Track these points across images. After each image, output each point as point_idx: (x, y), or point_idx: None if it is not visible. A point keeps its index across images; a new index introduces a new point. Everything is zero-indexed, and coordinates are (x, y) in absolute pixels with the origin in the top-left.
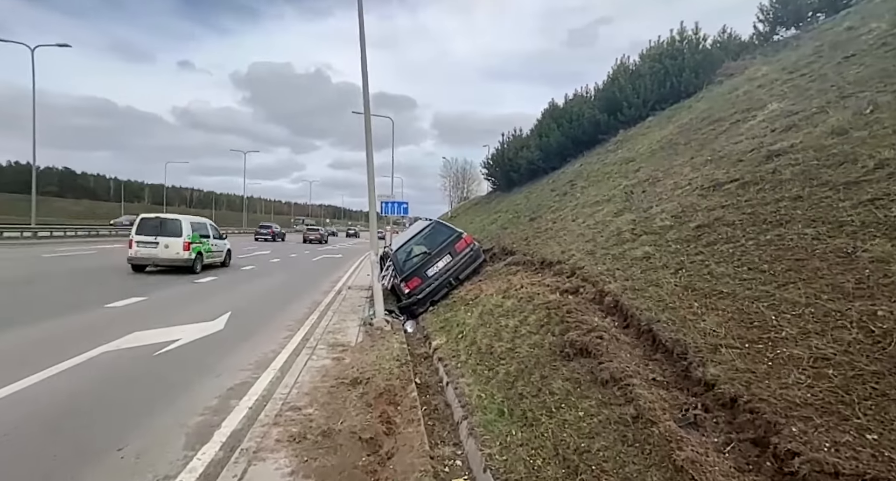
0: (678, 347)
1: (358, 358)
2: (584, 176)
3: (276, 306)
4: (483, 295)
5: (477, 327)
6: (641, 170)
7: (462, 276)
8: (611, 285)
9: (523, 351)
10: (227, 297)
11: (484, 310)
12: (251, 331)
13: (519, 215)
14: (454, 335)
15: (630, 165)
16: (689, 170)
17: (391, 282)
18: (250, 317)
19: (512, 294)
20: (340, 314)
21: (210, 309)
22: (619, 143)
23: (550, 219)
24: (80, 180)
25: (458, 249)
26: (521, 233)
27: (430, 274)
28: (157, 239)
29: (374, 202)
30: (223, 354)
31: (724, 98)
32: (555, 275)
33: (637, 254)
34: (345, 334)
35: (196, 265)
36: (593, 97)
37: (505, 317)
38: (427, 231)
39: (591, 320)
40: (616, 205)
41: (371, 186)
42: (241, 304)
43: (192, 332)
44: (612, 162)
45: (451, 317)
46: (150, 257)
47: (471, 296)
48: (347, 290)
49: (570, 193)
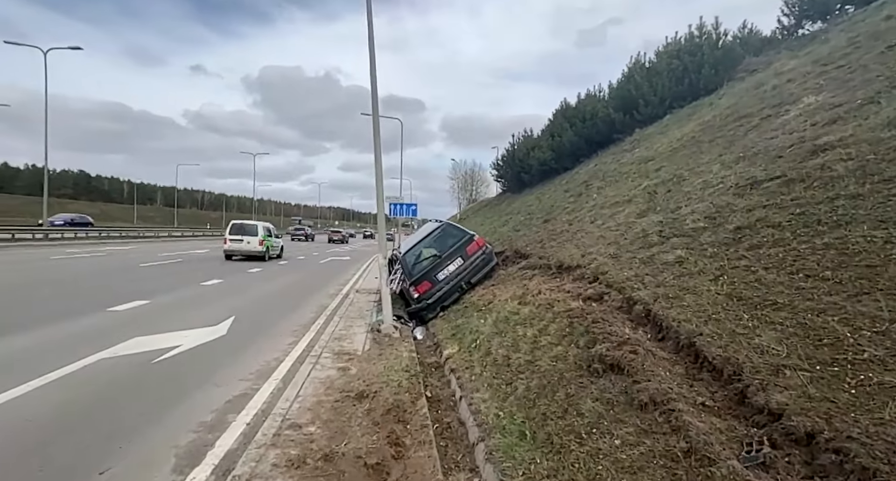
0: (729, 366)
1: (365, 368)
2: (599, 176)
3: (281, 310)
4: (497, 300)
5: (492, 336)
6: (663, 170)
7: (474, 280)
8: (640, 292)
9: (545, 364)
10: (233, 301)
11: (499, 317)
12: (254, 337)
13: (532, 217)
14: (467, 343)
15: (649, 164)
16: (718, 168)
17: (400, 286)
18: (255, 321)
19: (529, 300)
20: (347, 319)
21: (214, 313)
22: (636, 142)
23: (566, 220)
24: (95, 183)
25: (469, 252)
26: (534, 235)
27: (440, 278)
28: (242, 237)
29: (383, 203)
30: (224, 362)
31: (750, 94)
32: (575, 280)
33: (668, 259)
34: (351, 341)
35: (265, 256)
36: (607, 96)
37: (522, 325)
38: (437, 233)
39: (620, 331)
40: (638, 206)
41: (379, 188)
42: (246, 308)
43: (194, 338)
44: (630, 161)
45: (463, 323)
46: (238, 250)
47: (484, 302)
48: (355, 294)
49: (586, 194)
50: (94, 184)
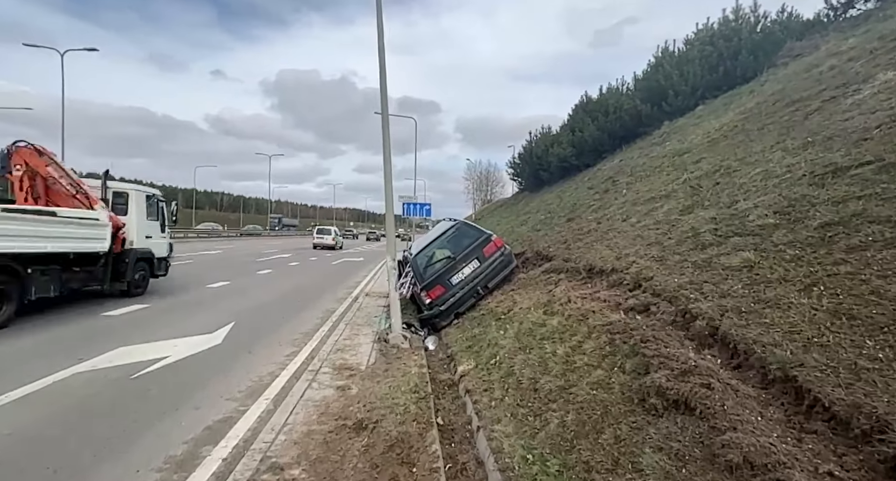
0: (861, 418)
1: (367, 387)
2: (626, 171)
3: (285, 315)
4: (518, 308)
5: (514, 352)
6: (704, 162)
7: (491, 285)
8: (700, 304)
9: (582, 392)
10: (235, 304)
11: (521, 328)
12: (251, 347)
13: (552, 216)
14: (485, 359)
15: (685, 157)
16: (780, 156)
17: (411, 290)
18: (255, 328)
19: (556, 309)
20: (353, 326)
21: (214, 317)
22: (666, 135)
23: (593, 219)
24: None
25: (486, 254)
26: (557, 235)
27: (454, 282)
28: (324, 236)
29: (392, 199)
30: (212, 377)
31: (800, 77)
32: (611, 286)
33: (732, 262)
34: (355, 353)
35: (337, 246)
36: (633, 87)
37: (551, 340)
38: (451, 233)
39: (680, 354)
40: (679, 201)
41: (388, 185)
42: (248, 313)
43: (185, 347)
44: (660, 155)
45: (480, 334)
46: (321, 243)
47: (503, 309)
48: (365, 297)
49: (614, 190)
50: None
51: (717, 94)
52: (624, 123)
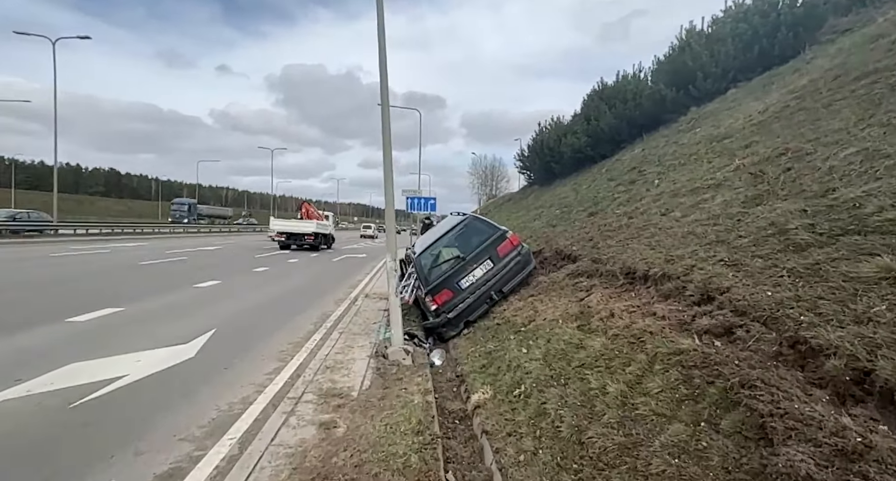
0: None
1: (357, 425)
2: (653, 161)
3: (276, 321)
4: (542, 319)
5: (545, 381)
6: (758, 146)
7: (506, 289)
8: (825, 332)
9: (658, 461)
10: (221, 307)
11: (551, 349)
12: (228, 361)
13: (570, 210)
14: (505, 386)
15: (727, 143)
16: (879, 133)
17: (414, 294)
18: (237, 336)
19: (596, 326)
20: (349, 336)
21: (193, 324)
22: (695, 121)
23: (622, 213)
24: (125, 180)
25: (501, 253)
26: (579, 231)
27: (464, 285)
28: (365, 230)
29: (392, 191)
30: (170, 405)
31: (866, 49)
32: (665, 297)
33: (861, 272)
34: (347, 372)
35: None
36: (653, 71)
37: (594, 370)
38: (460, 228)
39: (816, 414)
40: (739, 192)
41: (388, 169)
42: (234, 317)
43: (149, 363)
44: (693, 142)
45: (496, 350)
46: (364, 234)
47: (523, 320)
48: (364, 300)
49: (642, 181)
50: (123, 181)
51: (751, 77)
52: (645, 110)
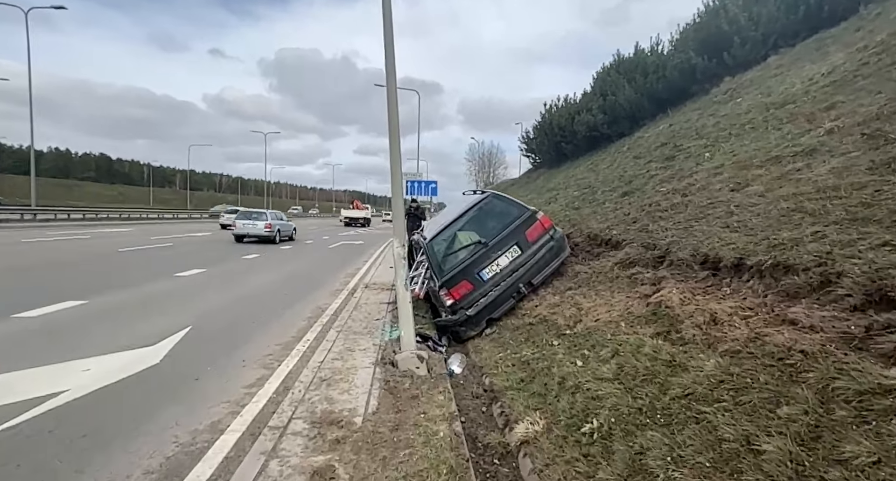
0: None
1: (365, 475)
2: (689, 135)
3: (264, 316)
4: (592, 320)
5: (631, 415)
6: (844, 106)
7: (536, 281)
8: None
9: None
10: (203, 300)
11: (625, 364)
12: (201, 370)
13: (593, 191)
14: (563, 412)
15: (791, 108)
16: None
17: (426, 286)
18: (217, 336)
19: (692, 335)
20: (348, 336)
21: (166, 320)
22: (733, 92)
23: (670, 190)
24: (116, 166)
25: (530, 238)
26: (615, 213)
27: (486, 276)
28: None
29: (400, 171)
30: (112, 437)
31: None
32: (796, 296)
33: None
34: (348, 386)
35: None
36: (677, 39)
37: (715, 405)
38: (478, 209)
39: None
40: (850, 157)
41: (395, 148)
42: (216, 312)
43: (101, 373)
44: (739, 111)
45: (535, 358)
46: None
47: (565, 319)
48: (363, 290)
49: (683, 157)
50: (115, 167)
51: (794, 42)
52: (669, 83)
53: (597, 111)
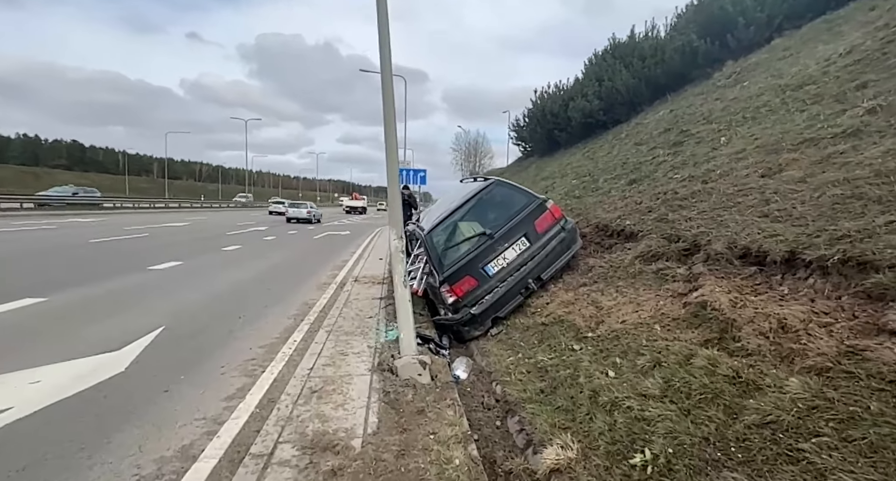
0: None
1: None
2: (696, 120)
3: (243, 313)
4: (618, 321)
5: (696, 447)
6: (879, 84)
7: (546, 276)
8: None
9: None
10: (178, 296)
11: (673, 379)
12: (173, 379)
13: (594, 179)
14: (601, 435)
15: (812, 89)
16: None
17: (424, 281)
18: (193, 337)
19: (756, 346)
20: (339, 337)
21: (136, 319)
22: (737, 75)
23: (687, 177)
24: (90, 153)
25: (539, 229)
26: (625, 202)
27: (491, 271)
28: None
29: (395, 160)
30: (56, 471)
31: None
32: (881, 300)
33: None
34: (343, 398)
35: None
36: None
37: (817, 442)
38: (481, 197)
39: None
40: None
41: (391, 134)
42: (192, 310)
43: (53, 385)
44: (750, 94)
45: (555, 364)
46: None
47: (584, 319)
48: (353, 284)
49: (693, 142)
50: (88, 154)
51: (800, 24)
52: (669, 67)
53: (592, 97)
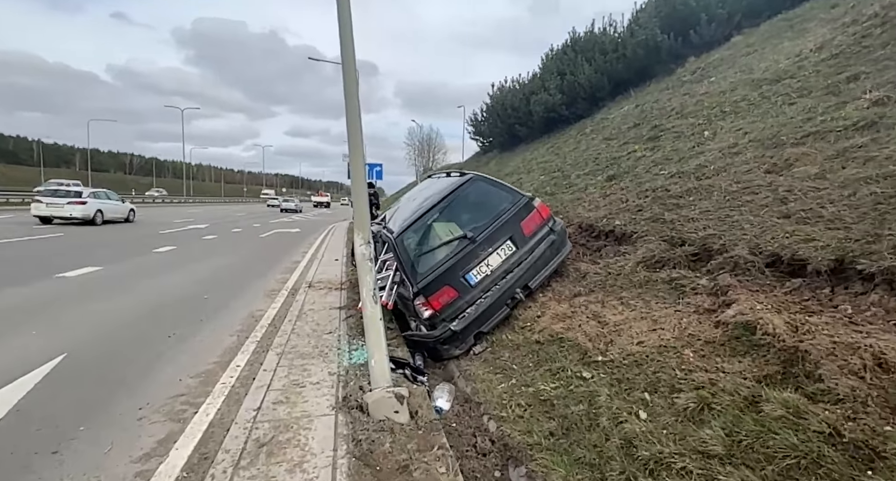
0: None
1: None
2: (667, 115)
3: (171, 331)
4: (633, 342)
5: None
6: (874, 77)
7: (534, 284)
8: None
9: None
10: (90, 312)
11: (748, 435)
12: (66, 434)
13: (565, 174)
14: None
15: (792, 83)
16: None
17: (394, 292)
18: (102, 368)
19: (849, 389)
20: (293, 360)
21: (29, 346)
22: (702, 71)
23: (675, 173)
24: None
25: (527, 230)
26: (609, 199)
27: (473, 280)
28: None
29: (361, 154)
30: None
31: None
32: None
33: None
34: (300, 455)
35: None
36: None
37: None
38: (458, 194)
39: None
40: None
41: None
42: (105, 330)
43: None
44: (722, 89)
45: (562, 395)
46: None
47: (589, 338)
48: (307, 290)
49: (672, 137)
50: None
51: (758, 22)
52: (632, 62)
53: (555, 91)
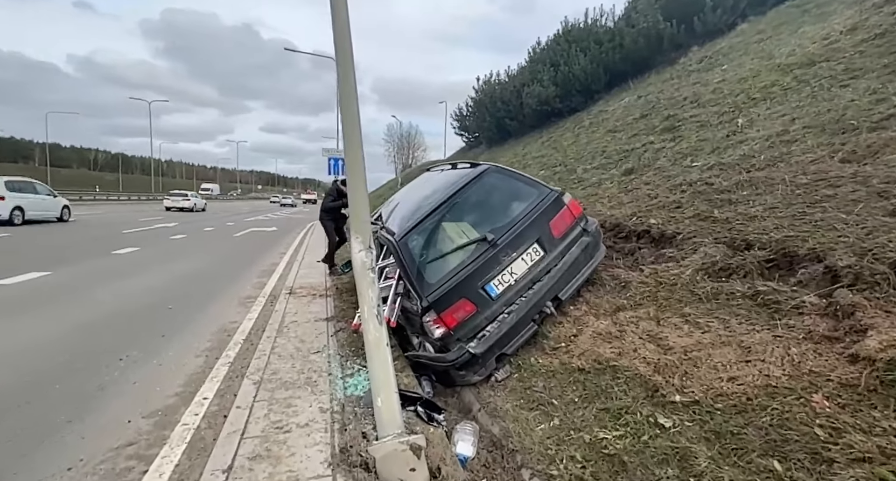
0: None
1: None
2: (680, 105)
3: (126, 351)
4: (714, 374)
5: None
6: None
7: (565, 295)
8: None
9: None
10: (28, 328)
11: None
12: None
13: (570, 169)
14: None
15: (833, 65)
16: None
17: (397, 307)
18: (22, 408)
19: None
20: (274, 391)
21: None
22: (708, 59)
23: (712, 164)
24: None
25: (556, 231)
26: (634, 194)
27: (494, 292)
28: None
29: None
30: None
31: None
32: None
33: None
34: None
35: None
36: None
37: None
38: (471, 189)
39: None
40: None
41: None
42: (39, 352)
43: None
44: (742, 76)
45: (635, 451)
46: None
47: (653, 369)
48: (287, 298)
49: (693, 126)
50: None
51: (763, 10)
52: (631, 52)
53: (548, 83)
